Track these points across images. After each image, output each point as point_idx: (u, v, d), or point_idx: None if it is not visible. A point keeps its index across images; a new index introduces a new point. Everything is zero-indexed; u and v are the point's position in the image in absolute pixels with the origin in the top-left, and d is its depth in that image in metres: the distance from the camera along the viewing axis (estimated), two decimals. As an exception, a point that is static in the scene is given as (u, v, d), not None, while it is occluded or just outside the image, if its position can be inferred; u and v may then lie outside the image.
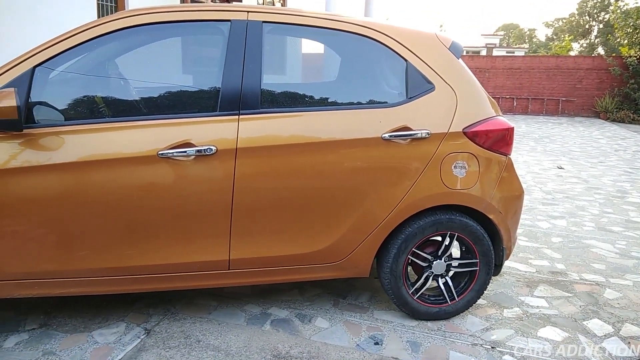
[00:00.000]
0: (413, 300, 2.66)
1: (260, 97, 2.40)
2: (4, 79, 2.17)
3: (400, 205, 2.47)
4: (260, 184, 2.36)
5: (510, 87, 19.58)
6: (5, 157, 2.13)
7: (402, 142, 2.46)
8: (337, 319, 2.71)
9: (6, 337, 2.42)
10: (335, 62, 2.98)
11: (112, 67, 2.62)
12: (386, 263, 2.58)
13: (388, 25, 2.63)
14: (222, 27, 2.48)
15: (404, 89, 2.54)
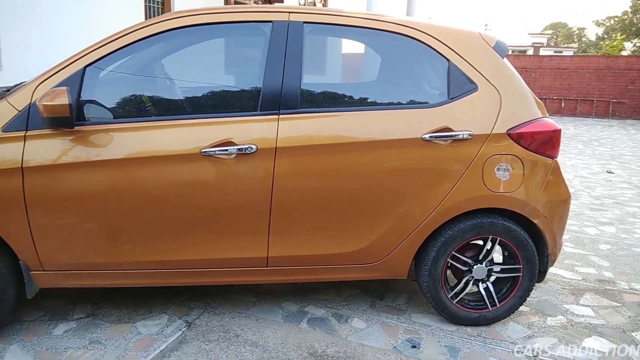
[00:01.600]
0: (452, 304, 2.61)
1: (300, 97, 2.41)
2: (56, 78, 2.27)
3: (440, 207, 2.43)
4: (299, 183, 2.37)
5: (558, 88, 18.92)
6: (57, 153, 2.23)
7: (442, 143, 2.42)
8: (374, 320, 2.70)
9: (56, 325, 2.54)
10: (375, 62, 2.97)
11: (158, 67, 2.70)
12: (425, 266, 2.55)
13: (430, 25, 2.59)
14: (263, 27, 2.51)
15: (445, 89, 2.50)
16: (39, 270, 2.33)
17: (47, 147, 2.23)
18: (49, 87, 2.24)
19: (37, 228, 2.25)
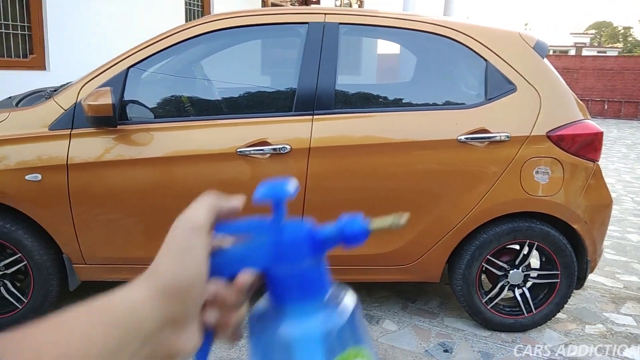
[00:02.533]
0: (486, 309, 2.57)
1: (334, 98, 2.42)
2: (101, 78, 2.36)
3: (475, 210, 2.40)
4: (332, 183, 2.38)
5: (601, 89, 18.26)
6: (100, 151, 2.31)
7: (479, 145, 2.38)
8: (406, 323, 2.68)
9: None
10: (411, 62, 2.95)
11: (197, 68, 2.77)
12: (458, 269, 2.51)
13: (467, 24, 2.56)
14: (299, 29, 2.53)
15: (482, 89, 2.46)
16: (81, 263, 2.43)
17: (90, 145, 2.31)
18: (93, 87, 2.33)
19: (80, 223, 2.35)
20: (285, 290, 0.38)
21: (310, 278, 0.39)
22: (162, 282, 0.35)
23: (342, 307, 0.38)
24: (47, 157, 2.30)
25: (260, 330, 0.38)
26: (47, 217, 2.34)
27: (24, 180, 2.26)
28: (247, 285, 0.38)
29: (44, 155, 2.30)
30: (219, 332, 0.39)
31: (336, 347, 0.36)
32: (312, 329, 0.37)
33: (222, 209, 0.39)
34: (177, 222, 0.37)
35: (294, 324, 0.37)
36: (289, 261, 0.38)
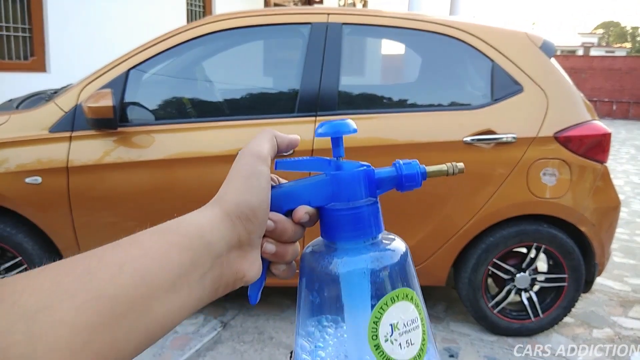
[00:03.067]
0: (492, 313, 2.52)
1: (337, 99, 2.39)
2: (101, 80, 2.34)
3: (481, 212, 2.35)
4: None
5: (609, 90, 18.12)
6: (100, 153, 2.29)
7: (485, 147, 2.34)
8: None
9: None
10: (415, 63, 2.91)
11: (199, 70, 2.74)
12: (464, 273, 2.47)
13: (473, 24, 2.52)
14: (302, 29, 2.50)
15: (488, 90, 2.42)
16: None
17: (91, 147, 2.29)
18: (94, 89, 2.31)
19: (80, 226, 2.32)
20: (338, 227, 0.39)
21: (363, 217, 0.39)
22: (229, 206, 0.36)
23: (393, 249, 0.39)
24: (47, 159, 2.28)
25: (311, 267, 0.39)
26: (47, 220, 2.32)
27: (24, 183, 2.24)
28: (304, 219, 0.39)
29: (44, 157, 2.28)
30: (275, 264, 0.41)
31: (385, 286, 0.37)
32: (361, 265, 0.38)
33: (282, 140, 0.41)
34: (242, 152, 0.40)
35: (345, 259, 0.38)
36: (344, 199, 0.39)
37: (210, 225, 0.35)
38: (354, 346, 0.37)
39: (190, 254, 0.33)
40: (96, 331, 0.27)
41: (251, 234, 0.37)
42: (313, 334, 0.39)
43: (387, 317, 0.37)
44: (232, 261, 0.36)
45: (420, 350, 0.38)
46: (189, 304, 0.33)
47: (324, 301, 0.39)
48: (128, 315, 0.29)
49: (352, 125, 0.41)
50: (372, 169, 0.41)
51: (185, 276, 0.32)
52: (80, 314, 0.27)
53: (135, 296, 0.29)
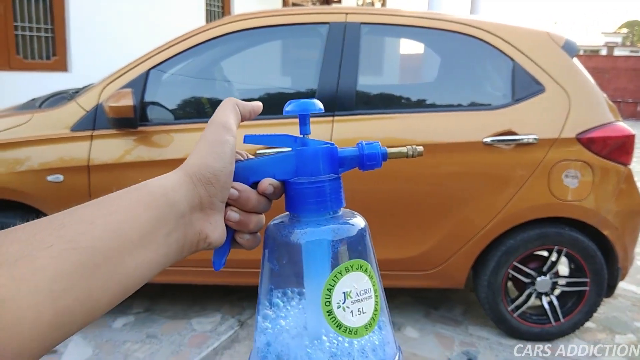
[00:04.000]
0: (512, 317, 2.48)
1: (355, 99, 2.38)
2: (122, 80, 2.37)
3: (501, 214, 2.32)
4: (351, 185, 2.32)
5: (634, 90, 17.72)
6: (120, 152, 2.32)
7: (505, 147, 2.30)
8: (428, 330, 2.61)
9: (115, 318, 2.64)
10: (434, 62, 2.88)
11: (217, 70, 2.76)
12: (484, 276, 2.44)
13: (494, 23, 2.48)
14: (320, 29, 2.50)
15: (509, 90, 2.38)
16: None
17: (111, 146, 2.32)
18: (114, 89, 2.33)
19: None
20: (301, 200, 0.41)
21: (325, 191, 0.41)
22: (191, 169, 0.39)
23: (352, 224, 0.41)
24: (69, 158, 2.31)
25: (274, 237, 0.41)
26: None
27: (46, 180, 2.27)
28: (268, 190, 0.41)
29: (65, 156, 2.31)
30: (239, 234, 0.42)
31: (341, 257, 0.39)
32: (321, 235, 0.40)
33: (244, 108, 0.44)
34: (209, 122, 0.41)
35: (306, 230, 0.40)
36: (308, 174, 0.41)
37: (173, 186, 0.37)
38: (311, 313, 0.39)
39: (155, 211, 0.35)
40: (74, 279, 0.28)
41: (212, 197, 0.39)
42: (274, 304, 0.41)
43: (340, 285, 0.39)
44: (194, 222, 0.38)
45: (372, 319, 0.40)
46: (157, 260, 0.35)
47: (285, 271, 0.41)
48: (102, 266, 0.30)
49: (318, 105, 0.43)
50: (335, 147, 0.43)
51: (152, 233, 0.34)
52: (58, 263, 0.28)
53: (108, 248, 0.31)
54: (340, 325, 0.38)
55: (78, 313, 0.29)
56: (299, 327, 0.39)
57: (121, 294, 0.33)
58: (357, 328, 0.38)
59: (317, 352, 0.38)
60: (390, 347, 0.41)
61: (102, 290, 0.30)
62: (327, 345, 0.38)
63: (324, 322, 0.38)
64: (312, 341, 0.38)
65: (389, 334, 0.41)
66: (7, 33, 4.84)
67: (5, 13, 4.80)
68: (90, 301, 0.30)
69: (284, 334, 0.39)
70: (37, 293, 0.27)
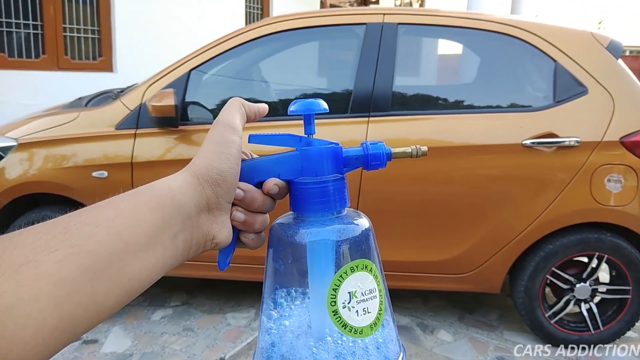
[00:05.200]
0: (549, 324, 2.42)
1: (391, 100, 2.38)
2: (164, 80, 2.44)
3: (540, 219, 2.27)
4: (387, 186, 2.34)
5: (683, 92, 16.89)
6: (162, 150, 2.39)
7: (546, 150, 2.25)
8: (462, 334, 2.58)
9: (154, 311, 2.73)
10: (473, 63, 2.84)
11: (255, 70, 2.81)
12: (521, 281, 2.39)
13: (535, 23, 2.43)
14: (357, 30, 2.51)
15: (551, 92, 2.33)
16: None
17: (154, 144, 2.40)
18: (157, 89, 2.41)
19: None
20: (305, 200, 0.41)
21: (329, 191, 0.41)
22: (199, 170, 0.38)
23: (357, 224, 0.42)
24: (113, 155, 2.40)
25: (279, 237, 0.41)
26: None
27: (91, 176, 2.37)
28: (273, 190, 0.41)
29: (110, 153, 2.41)
30: (244, 233, 0.43)
31: (346, 257, 0.40)
32: (326, 235, 0.40)
33: (250, 110, 0.44)
34: (215, 123, 0.41)
35: (311, 230, 0.40)
36: (313, 174, 0.42)
37: (180, 188, 0.37)
38: (316, 313, 0.39)
39: (162, 214, 0.34)
40: (78, 283, 0.28)
41: (220, 198, 0.39)
42: (278, 304, 0.41)
43: (345, 285, 0.39)
44: (202, 223, 0.38)
45: (376, 319, 0.40)
46: (163, 262, 0.35)
47: (289, 270, 0.41)
48: (107, 269, 0.30)
49: (323, 105, 0.43)
50: (340, 147, 0.43)
51: (158, 235, 0.34)
52: (62, 268, 0.28)
53: (112, 252, 0.31)
54: (346, 325, 0.38)
55: (82, 317, 0.29)
56: (304, 327, 0.39)
57: (125, 297, 0.32)
58: (363, 328, 0.39)
59: (322, 352, 0.38)
60: (394, 345, 0.41)
61: (106, 293, 0.30)
62: (332, 345, 0.38)
63: (329, 322, 0.38)
64: (317, 341, 0.38)
65: (393, 333, 0.41)
66: (57, 35, 5.06)
67: (55, 15, 5.02)
68: (94, 305, 0.29)
69: (288, 334, 0.39)
70: (41, 299, 0.27)
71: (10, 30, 4.76)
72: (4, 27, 4.70)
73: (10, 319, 0.25)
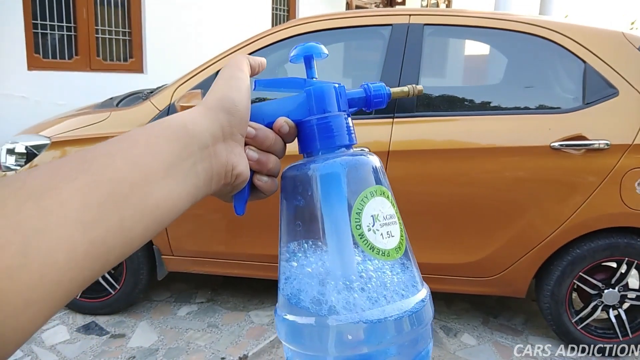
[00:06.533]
0: (576, 329, 2.38)
1: (416, 101, 2.37)
2: (193, 81, 2.49)
3: (568, 223, 2.23)
4: (410, 188, 2.33)
5: None
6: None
7: (574, 153, 2.21)
8: (486, 338, 2.55)
9: (180, 307, 2.78)
10: (500, 63, 2.81)
11: (280, 71, 2.83)
12: (547, 285, 2.35)
13: (564, 23, 2.39)
14: (383, 31, 2.51)
15: (580, 93, 2.28)
16: (169, 255, 2.58)
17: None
18: (186, 89, 2.46)
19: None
20: (315, 136, 0.42)
21: (338, 125, 0.42)
22: (211, 101, 0.39)
23: (367, 157, 0.42)
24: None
25: (292, 177, 0.41)
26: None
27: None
28: (284, 128, 0.42)
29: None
30: (258, 175, 0.42)
31: (362, 183, 0.40)
32: (338, 166, 0.40)
33: (254, 61, 0.45)
34: (223, 68, 0.43)
35: (322, 163, 0.40)
36: (321, 111, 0.42)
37: (194, 119, 0.37)
38: (340, 242, 0.39)
39: (177, 143, 0.34)
40: (103, 209, 0.28)
41: (233, 128, 0.39)
42: (297, 249, 0.40)
43: (368, 209, 0.39)
44: (219, 152, 0.38)
45: (400, 243, 0.40)
46: (187, 190, 0.34)
47: (305, 213, 0.40)
48: (130, 196, 0.30)
49: (323, 49, 0.45)
50: (343, 86, 0.44)
51: (177, 164, 0.34)
52: (85, 195, 0.28)
53: (132, 180, 0.30)
54: (373, 247, 0.38)
55: (112, 244, 0.29)
56: (331, 257, 0.39)
57: (154, 225, 0.32)
58: (389, 250, 0.39)
59: (354, 278, 0.38)
60: (419, 273, 0.41)
61: (134, 220, 0.30)
62: (363, 268, 0.38)
63: (355, 248, 0.38)
64: (346, 269, 0.38)
65: (414, 268, 0.41)
66: (89, 37, 5.21)
67: (87, 18, 5.16)
68: (123, 231, 0.29)
69: (313, 278, 0.39)
70: (68, 224, 0.26)
71: (45, 32, 4.91)
72: (40, 29, 4.85)
73: (42, 242, 0.25)
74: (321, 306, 0.37)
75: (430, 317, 0.40)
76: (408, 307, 0.37)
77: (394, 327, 0.37)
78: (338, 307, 0.37)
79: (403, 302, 0.38)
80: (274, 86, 0.45)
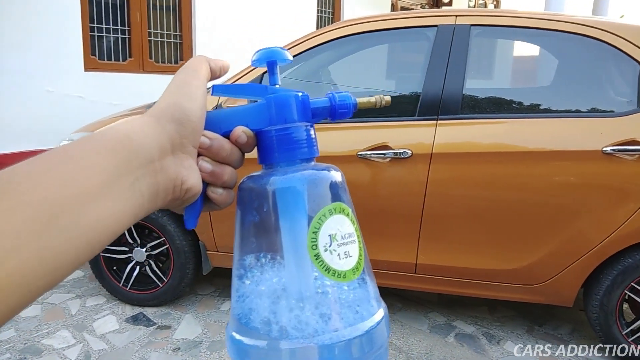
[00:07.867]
0: (626, 341, 2.27)
1: (461, 103, 2.34)
2: (239, 82, 2.55)
3: (620, 231, 2.14)
4: (454, 191, 2.30)
5: None
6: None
7: (627, 158, 2.12)
8: (530, 347, 2.48)
9: (223, 301, 2.86)
10: (550, 65, 2.73)
11: (324, 73, 2.86)
12: (596, 295, 2.26)
13: (618, 24, 2.29)
14: (428, 32, 2.49)
15: (635, 96, 2.19)
16: (214, 250, 2.65)
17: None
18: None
19: (215, 213, 2.56)
20: (275, 147, 0.39)
21: (299, 137, 0.40)
22: (159, 111, 0.36)
23: (328, 171, 0.40)
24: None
25: (249, 189, 0.39)
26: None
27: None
28: (241, 138, 0.39)
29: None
30: (212, 188, 0.40)
31: (321, 200, 0.38)
32: (297, 180, 0.38)
33: (215, 65, 0.41)
34: (177, 72, 0.39)
35: (281, 176, 0.38)
36: (282, 121, 0.40)
37: (140, 129, 0.34)
38: (295, 262, 0.37)
39: (116, 158, 0.31)
40: (24, 236, 0.25)
41: (184, 139, 0.36)
42: (250, 266, 0.39)
43: (325, 228, 0.37)
44: (167, 166, 0.34)
45: (358, 263, 0.38)
46: (125, 211, 0.31)
47: (261, 226, 0.38)
48: (60, 218, 0.27)
49: (286, 55, 0.41)
50: (307, 95, 0.41)
51: (114, 182, 0.30)
52: (5, 219, 0.25)
53: (64, 199, 0.28)
54: (329, 268, 0.36)
55: (39, 272, 0.26)
56: (282, 285, 0.37)
57: (88, 248, 0.29)
58: (346, 271, 0.37)
59: (307, 305, 0.36)
60: (376, 292, 0.40)
61: (64, 243, 0.27)
62: (315, 293, 0.36)
63: (311, 268, 0.36)
64: (298, 296, 0.36)
65: (372, 288, 0.40)
66: (142, 39, 5.42)
67: (141, 21, 5.37)
68: (44, 259, 0.26)
69: (265, 297, 0.37)
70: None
71: (101, 35, 5.15)
72: (95, 32, 5.09)
73: None
74: (271, 327, 0.36)
75: (385, 338, 0.38)
76: (362, 329, 0.36)
77: (346, 351, 0.35)
78: (289, 328, 0.35)
79: (357, 326, 0.36)
80: (233, 92, 0.42)
